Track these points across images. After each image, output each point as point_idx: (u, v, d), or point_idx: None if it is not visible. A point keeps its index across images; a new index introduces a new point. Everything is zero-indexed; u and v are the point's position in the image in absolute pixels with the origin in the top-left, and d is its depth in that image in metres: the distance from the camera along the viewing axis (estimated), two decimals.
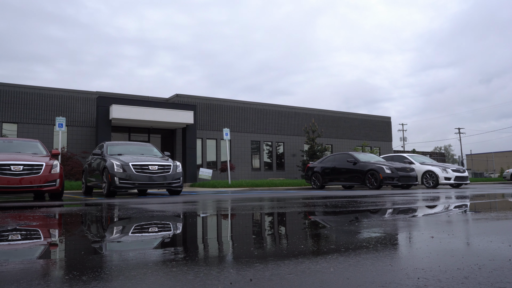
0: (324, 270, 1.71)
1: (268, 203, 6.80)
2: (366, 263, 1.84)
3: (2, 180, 8.76)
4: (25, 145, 10.92)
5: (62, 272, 1.78)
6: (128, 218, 4.56)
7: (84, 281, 1.58)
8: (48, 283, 1.56)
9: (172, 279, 1.57)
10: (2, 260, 2.13)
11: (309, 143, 25.74)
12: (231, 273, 1.66)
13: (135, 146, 12.94)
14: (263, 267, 1.79)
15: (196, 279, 1.56)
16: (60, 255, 2.34)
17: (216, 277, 1.59)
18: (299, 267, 1.77)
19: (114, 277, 1.62)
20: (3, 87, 20.31)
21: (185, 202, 7.18)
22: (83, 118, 21.91)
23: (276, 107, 27.96)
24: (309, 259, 1.97)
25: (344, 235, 2.92)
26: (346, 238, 2.74)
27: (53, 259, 2.19)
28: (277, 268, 1.75)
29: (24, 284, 1.57)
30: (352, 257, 2.01)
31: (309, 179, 17.64)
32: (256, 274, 1.63)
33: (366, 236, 2.79)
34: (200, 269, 1.74)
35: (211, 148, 25.06)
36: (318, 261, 1.91)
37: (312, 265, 1.81)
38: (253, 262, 1.90)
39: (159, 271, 1.72)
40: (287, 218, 4.55)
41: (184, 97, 24.44)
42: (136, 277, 1.60)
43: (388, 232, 2.99)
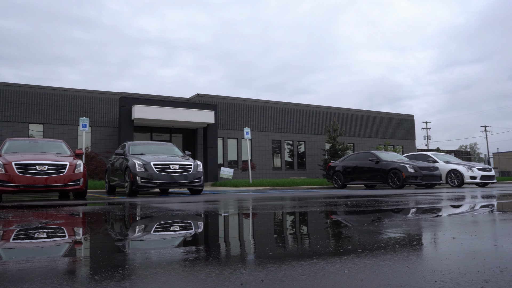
0: (338, 271, 1.68)
1: (288, 203, 6.76)
2: (383, 265, 1.80)
3: (28, 180, 8.96)
4: (50, 145, 11.16)
5: (85, 270, 1.80)
6: (148, 217, 4.59)
7: (96, 280, 1.59)
8: (73, 280, 1.58)
9: (183, 279, 1.56)
10: (30, 257, 2.18)
11: (331, 142, 25.53)
12: (243, 273, 1.65)
13: (156, 146, 13.07)
14: (276, 267, 1.76)
15: (207, 279, 1.55)
16: (82, 253, 2.36)
17: (227, 278, 1.57)
18: (313, 268, 1.73)
19: (125, 276, 1.63)
20: (29, 89, 20.81)
21: (205, 202, 7.21)
22: (106, 118, 22.27)
23: (297, 106, 27.84)
24: (324, 259, 1.94)
25: (362, 235, 2.86)
26: (364, 238, 2.69)
27: (77, 257, 2.22)
28: (290, 269, 1.72)
29: (49, 280, 1.61)
30: (369, 258, 1.97)
31: (330, 178, 17.50)
32: (268, 275, 1.61)
33: (384, 237, 2.74)
34: (212, 269, 1.73)
35: (232, 147, 25.13)
36: (333, 262, 1.88)
37: (327, 266, 1.77)
38: (267, 263, 1.87)
39: (171, 270, 1.71)
40: (306, 217, 4.51)
41: (205, 96, 24.57)
42: (148, 277, 1.60)
43: (408, 233, 2.92)
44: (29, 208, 6.10)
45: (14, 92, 20.38)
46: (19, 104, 20.40)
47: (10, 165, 8.95)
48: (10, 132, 19.69)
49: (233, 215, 4.80)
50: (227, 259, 2.00)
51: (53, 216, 4.60)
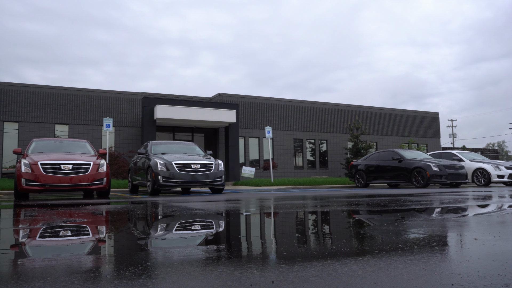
0: (352, 273, 1.64)
1: (308, 202, 6.71)
2: (398, 266, 1.75)
3: (53, 179, 9.16)
4: (75, 145, 11.39)
5: (106, 267, 1.82)
6: (167, 217, 4.63)
7: (107, 279, 1.60)
8: (96, 276, 1.59)
9: (193, 279, 1.55)
10: (55, 254, 2.23)
11: (353, 141, 25.26)
12: (254, 274, 1.63)
13: (178, 145, 13.18)
14: (288, 268, 1.74)
15: (217, 279, 1.54)
16: (106, 251, 2.39)
17: (238, 278, 1.56)
18: (326, 269, 1.70)
19: (136, 276, 1.63)
20: (55, 90, 21.29)
21: (225, 201, 7.22)
22: (129, 118, 22.59)
23: (318, 104, 27.65)
24: (339, 260, 1.90)
25: (381, 235, 2.81)
26: (382, 239, 2.64)
27: (101, 255, 2.25)
28: (302, 270, 1.70)
29: (74, 276, 1.65)
30: (385, 259, 1.92)
31: (352, 177, 17.32)
32: (279, 276, 1.59)
33: (403, 237, 2.67)
34: (224, 269, 1.72)
35: (253, 146, 25.14)
36: (348, 263, 1.84)
37: (340, 267, 1.74)
38: (280, 263, 1.85)
39: (183, 270, 1.71)
40: (325, 217, 4.46)
41: (227, 96, 24.65)
42: (158, 276, 1.60)
43: (428, 233, 2.85)
44: (54, 206, 6.23)
45: (40, 94, 20.89)
46: (46, 105, 20.89)
47: (36, 165, 9.17)
48: (37, 132, 20.19)
49: (252, 214, 4.79)
50: (240, 259, 1.98)
51: (76, 215, 4.69)
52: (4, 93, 20.20)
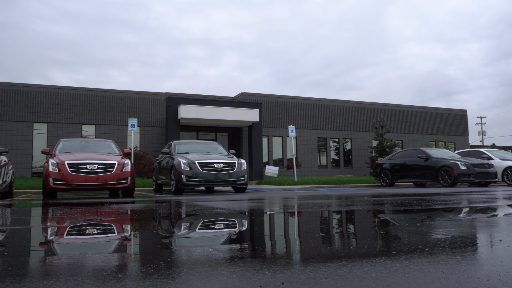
0: (365, 275, 1.60)
1: (330, 201, 6.63)
2: (415, 269, 1.70)
3: (80, 178, 9.35)
4: (100, 145, 11.60)
5: (132, 265, 1.83)
6: (190, 216, 4.66)
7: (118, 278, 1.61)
8: (121, 274, 1.62)
9: (203, 279, 1.54)
10: (82, 252, 2.28)
11: (378, 139, 24.90)
12: (266, 275, 1.61)
13: (201, 145, 13.26)
14: (301, 269, 1.71)
15: (227, 280, 1.53)
16: (130, 249, 2.42)
17: (248, 279, 1.54)
18: (339, 271, 1.67)
19: (148, 275, 1.64)
20: (82, 91, 21.76)
21: (247, 200, 7.21)
22: (154, 118, 22.89)
23: (342, 102, 27.38)
24: (354, 262, 1.86)
25: (400, 236, 2.74)
26: (401, 240, 2.57)
27: (127, 253, 2.29)
28: (315, 271, 1.66)
29: (101, 273, 1.69)
30: (402, 261, 1.87)
31: (377, 176, 17.08)
32: (290, 277, 1.56)
33: (424, 238, 2.60)
34: (235, 269, 1.70)
35: (277, 145, 25.10)
36: (363, 264, 1.80)
37: (354, 269, 1.70)
38: (294, 264, 1.83)
39: (194, 270, 1.70)
40: (346, 217, 4.40)
41: (250, 95, 24.68)
42: (169, 276, 1.60)
43: (450, 234, 2.77)
44: (80, 205, 6.36)
45: (68, 95, 21.39)
46: (73, 106, 21.38)
47: (63, 164, 9.38)
48: (65, 133, 20.68)
49: (273, 214, 4.76)
50: (254, 259, 1.96)
51: (101, 213, 4.77)
52: (34, 94, 20.77)
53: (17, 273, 1.73)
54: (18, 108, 20.43)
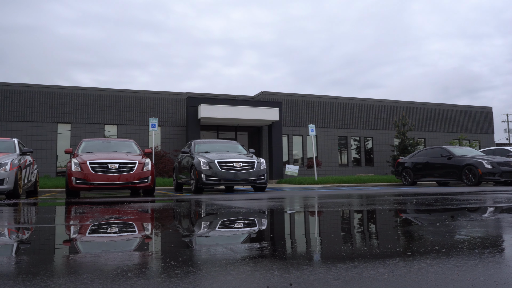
0: (377, 276, 1.56)
1: (349, 200, 6.56)
2: (429, 271, 1.65)
3: (101, 177, 9.50)
4: (121, 144, 11.76)
5: (153, 263, 1.85)
6: (209, 215, 4.67)
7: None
8: (142, 271, 1.64)
9: (210, 279, 1.54)
10: (104, 250, 2.32)
11: (400, 137, 24.55)
12: (275, 275, 1.59)
13: (221, 144, 13.31)
14: (312, 270, 1.68)
15: (236, 280, 1.51)
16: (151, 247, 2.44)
17: (256, 279, 1.52)
18: (351, 272, 1.64)
19: (154, 275, 1.65)
20: (104, 92, 22.12)
21: (266, 199, 7.20)
22: (174, 118, 23.09)
23: (363, 100, 27.08)
24: (367, 262, 1.83)
25: (417, 236, 2.68)
26: (417, 240, 2.52)
27: (148, 251, 2.33)
28: (326, 272, 1.64)
29: (123, 271, 1.71)
30: (416, 262, 1.82)
31: (399, 175, 16.84)
32: (299, 278, 1.54)
33: (441, 239, 2.54)
34: (245, 269, 1.69)
35: (297, 144, 25.01)
36: (375, 265, 1.76)
37: (366, 270, 1.66)
38: (304, 264, 1.80)
39: (202, 269, 1.70)
40: (364, 216, 4.34)
41: (270, 94, 24.66)
42: (178, 276, 1.60)
43: (470, 235, 2.69)
44: (102, 204, 6.46)
45: (91, 96, 21.78)
46: (96, 106, 21.76)
47: (85, 164, 9.54)
48: (88, 133, 21.07)
49: (291, 213, 4.74)
50: (265, 259, 1.94)
51: (122, 212, 4.84)
52: (58, 96, 21.22)
53: (42, 271, 1.76)
54: (43, 109, 20.90)
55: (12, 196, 8.84)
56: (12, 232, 3.36)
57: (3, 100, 20.43)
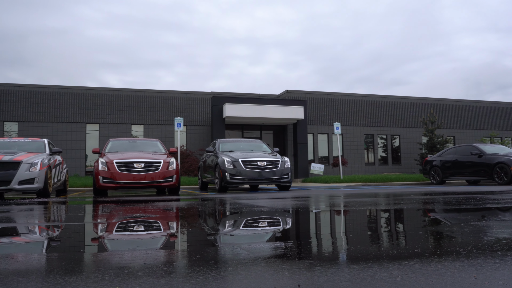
0: (390, 278, 1.52)
1: (372, 200, 6.45)
2: (445, 273, 1.60)
3: (128, 177, 9.65)
4: (147, 144, 11.93)
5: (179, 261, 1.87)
6: (232, 214, 4.68)
7: None
8: (168, 269, 1.68)
9: (219, 279, 1.53)
10: (131, 248, 2.36)
11: (428, 135, 24.01)
12: (284, 276, 1.57)
13: (245, 143, 13.32)
14: (323, 271, 1.65)
15: (244, 280, 1.50)
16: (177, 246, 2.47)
17: (264, 280, 1.51)
18: (363, 274, 1.60)
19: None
20: (131, 92, 22.50)
21: (290, 198, 7.15)
22: (200, 117, 23.28)
23: (390, 98, 26.61)
24: (381, 264, 1.78)
25: (439, 237, 2.61)
26: (438, 241, 2.45)
27: (173, 249, 2.38)
28: (337, 273, 1.61)
29: (149, 268, 1.76)
30: (433, 264, 1.77)
31: (427, 174, 16.47)
32: (309, 279, 1.52)
33: (464, 240, 2.46)
34: (256, 270, 1.68)
35: (322, 143, 24.81)
36: (390, 267, 1.71)
37: (379, 272, 1.62)
38: (317, 265, 1.77)
39: (213, 270, 1.69)
40: (387, 216, 4.26)
41: (294, 92, 24.55)
42: (187, 275, 1.60)
43: (495, 236, 2.59)
44: (128, 202, 6.57)
45: (118, 96, 22.20)
46: (123, 107, 22.16)
47: (111, 163, 9.72)
48: (116, 133, 21.48)
49: (313, 213, 4.69)
50: (278, 259, 1.92)
51: (147, 211, 4.91)
52: (86, 96, 21.73)
53: (71, 268, 1.81)
54: (72, 110, 21.44)
55: (42, 195, 9.09)
56: (42, 229, 3.47)
57: (35, 101, 21.06)
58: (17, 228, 3.53)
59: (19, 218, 4.35)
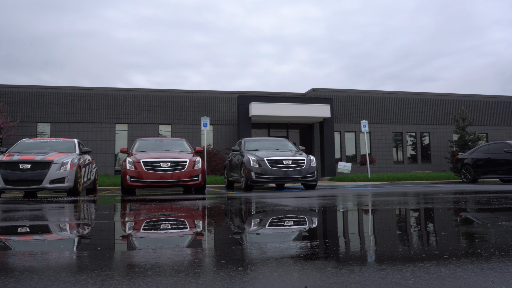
0: (401, 281, 1.48)
1: (398, 198, 6.33)
2: (461, 276, 1.54)
3: (154, 176, 9.79)
4: (173, 143, 12.07)
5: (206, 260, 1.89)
6: (257, 213, 4.69)
7: None
8: (196, 267, 1.70)
9: (227, 279, 1.52)
10: (158, 246, 2.41)
11: (459, 133, 23.37)
12: (293, 276, 1.55)
13: (270, 142, 13.29)
14: (334, 272, 1.63)
15: (251, 280, 1.49)
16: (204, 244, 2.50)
17: (271, 280, 1.49)
18: (374, 276, 1.56)
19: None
20: (159, 93, 22.84)
21: (317, 197, 7.08)
22: (226, 116, 23.40)
23: (419, 95, 26.03)
24: (395, 265, 1.74)
25: (462, 238, 2.53)
26: (460, 242, 2.37)
27: (199, 247, 2.42)
28: (347, 275, 1.58)
29: (177, 266, 1.79)
30: (450, 266, 1.71)
31: (458, 172, 16.03)
32: (317, 280, 1.49)
33: (488, 241, 2.37)
34: (265, 270, 1.66)
35: (349, 141, 24.52)
36: (404, 269, 1.67)
37: (392, 274, 1.58)
38: (328, 266, 1.74)
39: (222, 269, 1.69)
40: (410, 216, 4.17)
41: (321, 90, 24.35)
42: (196, 275, 1.60)
43: None
44: (154, 201, 6.67)
45: (146, 97, 22.57)
46: (151, 107, 22.51)
47: (139, 162, 9.88)
48: (144, 133, 21.84)
49: (337, 212, 4.64)
50: (289, 260, 1.91)
51: (173, 209, 4.99)
52: (115, 97, 22.19)
53: (101, 265, 1.86)
54: (102, 111, 21.94)
55: (72, 194, 9.34)
56: (72, 227, 3.58)
57: (66, 103, 21.67)
58: (48, 226, 3.64)
59: (51, 216, 4.49)
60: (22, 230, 3.33)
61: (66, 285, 1.51)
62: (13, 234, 3.17)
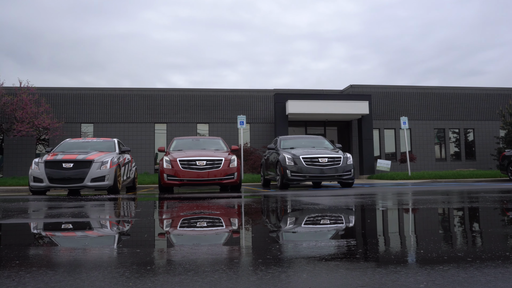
0: (412, 285, 1.43)
1: (436, 197, 6.12)
2: (480, 281, 1.47)
3: (191, 174, 9.95)
4: (209, 142, 12.22)
5: (243, 258, 1.93)
6: (291, 211, 4.68)
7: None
8: (231, 265, 1.75)
9: (233, 279, 1.53)
10: (195, 243, 2.47)
11: (506, 128, 22.31)
12: (301, 277, 1.53)
13: (306, 140, 13.20)
14: (344, 273, 1.59)
15: (258, 281, 1.48)
16: (240, 242, 2.54)
17: (277, 282, 1.48)
18: (385, 278, 1.52)
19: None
20: (196, 92, 23.19)
21: (353, 195, 6.96)
22: (263, 115, 23.44)
23: (462, 89, 25.06)
24: (409, 268, 1.68)
25: (492, 240, 2.42)
26: (488, 245, 2.27)
27: (236, 245, 2.50)
28: (358, 277, 1.54)
29: (215, 264, 1.84)
30: (470, 270, 1.64)
31: (504, 170, 15.34)
32: (323, 282, 1.46)
33: None
34: (275, 270, 1.65)
35: (389, 138, 23.95)
36: (418, 271, 1.61)
37: (404, 277, 1.53)
38: (340, 267, 1.71)
39: (229, 269, 1.70)
40: (443, 215, 4.03)
41: (359, 87, 23.93)
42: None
43: None
44: (190, 199, 6.79)
45: (184, 96, 22.97)
46: (189, 106, 22.90)
47: (175, 161, 10.08)
48: (182, 132, 22.25)
49: (370, 211, 4.55)
50: (303, 260, 1.89)
51: (209, 207, 5.07)
52: (154, 97, 22.72)
53: (140, 262, 1.93)
54: (142, 111, 22.53)
55: (112, 192, 9.65)
56: (113, 224, 3.72)
57: (108, 103, 22.40)
58: (90, 223, 3.79)
59: (92, 213, 4.67)
60: (66, 227, 3.50)
61: (106, 278, 1.57)
62: (58, 230, 3.34)
